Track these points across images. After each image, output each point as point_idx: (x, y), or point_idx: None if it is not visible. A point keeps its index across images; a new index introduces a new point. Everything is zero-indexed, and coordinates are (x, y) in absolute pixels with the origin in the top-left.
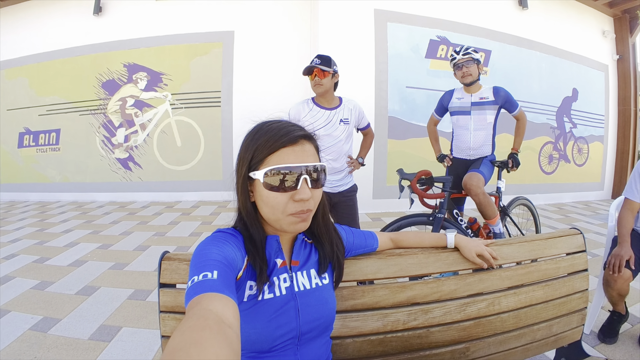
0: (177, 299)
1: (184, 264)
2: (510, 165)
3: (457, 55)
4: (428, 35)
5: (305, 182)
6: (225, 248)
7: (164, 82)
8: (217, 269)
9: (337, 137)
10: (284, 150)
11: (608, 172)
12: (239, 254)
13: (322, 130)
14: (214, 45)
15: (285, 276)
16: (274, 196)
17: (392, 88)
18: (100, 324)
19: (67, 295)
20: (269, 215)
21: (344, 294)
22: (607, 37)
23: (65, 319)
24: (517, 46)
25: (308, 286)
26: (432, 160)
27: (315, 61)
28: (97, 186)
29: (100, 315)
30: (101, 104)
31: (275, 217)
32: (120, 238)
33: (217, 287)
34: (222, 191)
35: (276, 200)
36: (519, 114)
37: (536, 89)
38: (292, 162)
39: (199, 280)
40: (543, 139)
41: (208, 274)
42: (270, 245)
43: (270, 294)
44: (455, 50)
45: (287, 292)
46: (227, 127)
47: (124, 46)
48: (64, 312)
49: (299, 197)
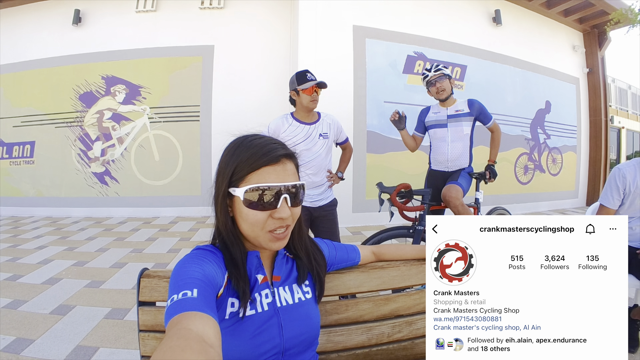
0: (157, 317)
1: (163, 281)
2: (488, 177)
3: (428, 73)
4: (405, 51)
5: (285, 201)
6: (205, 266)
7: (143, 96)
8: (197, 287)
9: (317, 151)
10: (266, 169)
11: (582, 181)
12: (219, 271)
13: (302, 144)
14: (193, 59)
15: (267, 292)
16: (254, 214)
17: (371, 103)
18: (76, 344)
19: (41, 315)
20: (247, 232)
21: (327, 308)
22: (577, 52)
23: (40, 339)
24: (492, 61)
25: (291, 301)
26: (410, 174)
27: (311, 76)
28: (73, 201)
29: (76, 336)
30: (78, 116)
31: (255, 234)
32: (96, 255)
33: (198, 306)
34: (201, 207)
35: (255, 217)
36: (493, 126)
37: (510, 102)
38: (273, 181)
39: (178, 299)
40: (518, 150)
41: (188, 292)
42: (250, 262)
43: (251, 310)
44: (426, 69)
45: (270, 308)
46: (206, 142)
47: (103, 58)
48: (38, 333)
49: (278, 216)
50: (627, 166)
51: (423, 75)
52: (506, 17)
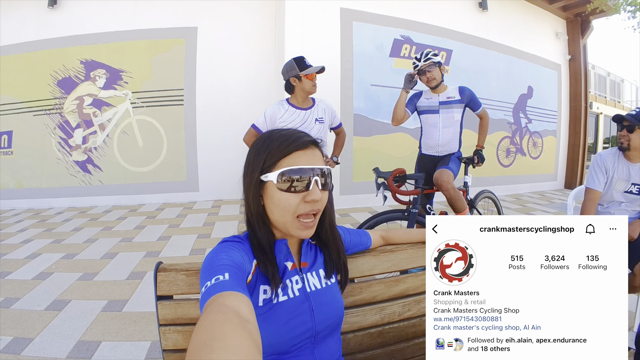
0: (176, 311)
1: (181, 274)
2: (476, 161)
3: (418, 62)
4: (392, 35)
5: (316, 183)
6: (232, 253)
7: (124, 80)
8: (228, 271)
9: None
10: (297, 154)
11: (561, 164)
12: (247, 258)
13: None
14: (176, 41)
15: (297, 278)
16: (286, 197)
17: (357, 86)
18: (77, 340)
19: (37, 312)
20: (278, 217)
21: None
22: (560, 39)
23: (38, 337)
24: (477, 46)
25: (319, 286)
26: (396, 156)
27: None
28: (55, 191)
29: (76, 331)
30: (57, 103)
31: (284, 220)
32: (85, 246)
33: (231, 287)
34: (188, 192)
35: (288, 201)
36: (482, 113)
37: (494, 87)
38: (304, 164)
39: (212, 284)
40: (501, 134)
41: (220, 277)
42: (279, 249)
43: (284, 296)
44: (416, 57)
45: (301, 294)
46: (191, 126)
47: (81, 41)
48: (36, 331)
49: (310, 198)
50: (608, 153)
51: (413, 65)
52: (492, 3)
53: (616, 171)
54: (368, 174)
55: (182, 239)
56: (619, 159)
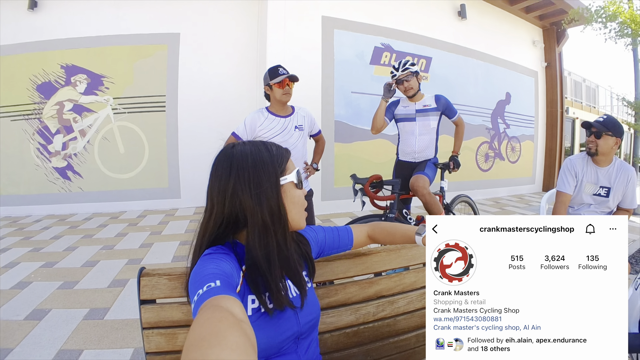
0: (159, 314)
1: (163, 278)
2: (452, 167)
3: (396, 72)
4: (373, 43)
5: None
6: (221, 264)
7: (105, 86)
8: (218, 279)
9: (293, 143)
10: (290, 159)
11: (538, 168)
12: (235, 270)
13: (279, 137)
14: (158, 47)
15: None
16: (299, 194)
17: (338, 93)
18: (58, 349)
19: (16, 322)
20: (297, 215)
21: (319, 293)
22: (537, 47)
23: (18, 347)
24: (456, 54)
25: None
26: (376, 162)
27: (283, 70)
28: (33, 198)
29: (57, 340)
30: (36, 108)
31: (300, 214)
32: (65, 254)
33: (223, 291)
34: (170, 199)
35: (301, 197)
36: (457, 120)
37: (472, 93)
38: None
39: (204, 291)
40: (479, 139)
41: (211, 284)
42: None
43: (271, 304)
44: (394, 67)
45: None
46: (173, 133)
47: (62, 45)
48: (15, 340)
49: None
50: (577, 158)
51: (392, 74)
52: (471, 12)
53: (585, 175)
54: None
55: (165, 245)
56: (587, 163)
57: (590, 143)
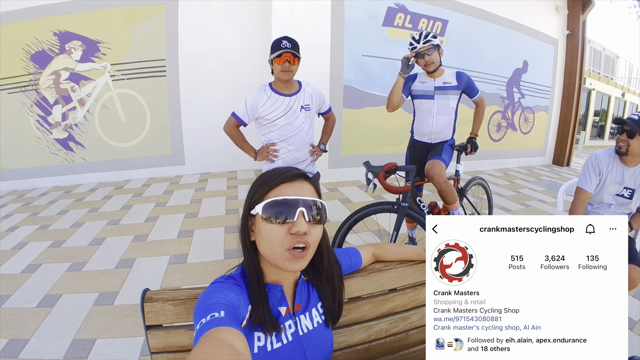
0: (166, 339)
1: (168, 304)
2: (469, 149)
3: (417, 44)
4: (386, 3)
5: (302, 214)
6: (228, 294)
7: (102, 52)
8: (223, 309)
9: (298, 126)
10: (283, 186)
11: (550, 140)
12: (243, 302)
13: (283, 119)
14: (155, 8)
15: (290, 322)
16: (271, 229)
17: (348, 56)
18: (71, 339)
19: (29, 310)
20: (266, 250)
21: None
22: (560, 13)
23: (33, 338)
24: (474, 17)
25: (311, 327)
26: (387, 129)
27: (286, 44)
28: (37, 171)
29: (69, 329)
30: (31, 79)
31: (273, 252)
32: (72, 232)
33: (226, 323)
34: (174, 166)
35: (274, 232)
36: (478, 99)
37: (489, 59)
38: (289, 195)
39: (207, 321)
40: (493, 108)
41: (215, 314)
42: (274, 295)
43: (278, 343)
44: (413, 38)
45: (294, 338)
46: (174, 98)
47: (53, 11)
48: (30, 331)
49: (295, 230)
50: (603, 155)
51: (411, 46)
52: None
53: (610, 173)
54: (357, 147)
55: (169, 219)
56: (614, 161)
57: (621, 142)
